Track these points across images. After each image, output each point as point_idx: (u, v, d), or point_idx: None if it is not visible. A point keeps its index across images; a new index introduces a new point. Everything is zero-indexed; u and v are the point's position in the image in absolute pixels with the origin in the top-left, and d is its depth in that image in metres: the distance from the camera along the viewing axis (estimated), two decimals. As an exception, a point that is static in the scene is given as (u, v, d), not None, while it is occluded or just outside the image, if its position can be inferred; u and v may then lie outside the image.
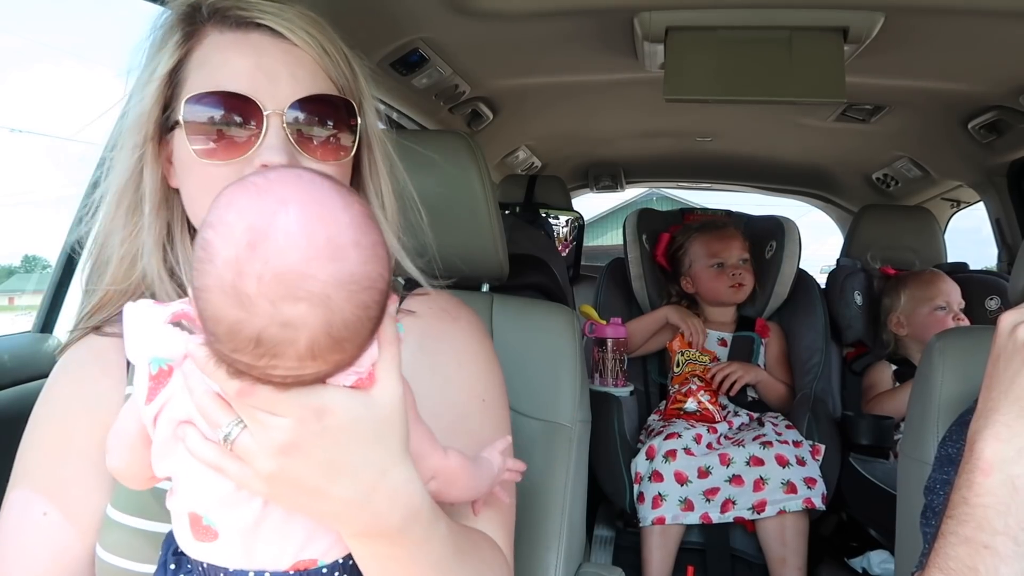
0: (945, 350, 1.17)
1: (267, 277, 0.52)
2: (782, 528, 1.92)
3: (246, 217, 0.53)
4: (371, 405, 0.58)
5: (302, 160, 0.75)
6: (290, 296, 0.52)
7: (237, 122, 0.73)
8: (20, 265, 5.18)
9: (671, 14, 1.67)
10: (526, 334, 1.23)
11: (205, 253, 0.53)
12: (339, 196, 0.56)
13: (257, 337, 0.53)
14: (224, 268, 0.52)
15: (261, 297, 0.52)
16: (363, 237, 0.55)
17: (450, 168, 1.25)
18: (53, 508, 0.78)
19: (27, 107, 38.06)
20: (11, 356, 1.35)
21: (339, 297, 0.53)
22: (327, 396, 0.57)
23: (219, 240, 0.53)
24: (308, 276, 0.52)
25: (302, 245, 0.52)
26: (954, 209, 3.26)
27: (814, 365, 2.22)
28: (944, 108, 2.33)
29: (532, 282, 1.87)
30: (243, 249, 0.52)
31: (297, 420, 0.56)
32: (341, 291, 0.53)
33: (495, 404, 0.88)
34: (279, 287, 0.52)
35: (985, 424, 0.75)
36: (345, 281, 0.53)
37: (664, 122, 2.95)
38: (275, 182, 0.55)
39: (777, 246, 2.31)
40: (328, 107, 0.77)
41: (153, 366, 0.60)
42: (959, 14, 1.62)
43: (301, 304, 0.52)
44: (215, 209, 0.54)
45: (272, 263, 0.52)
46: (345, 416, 0.57)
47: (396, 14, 1.70)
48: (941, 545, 0.74)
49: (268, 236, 0.52)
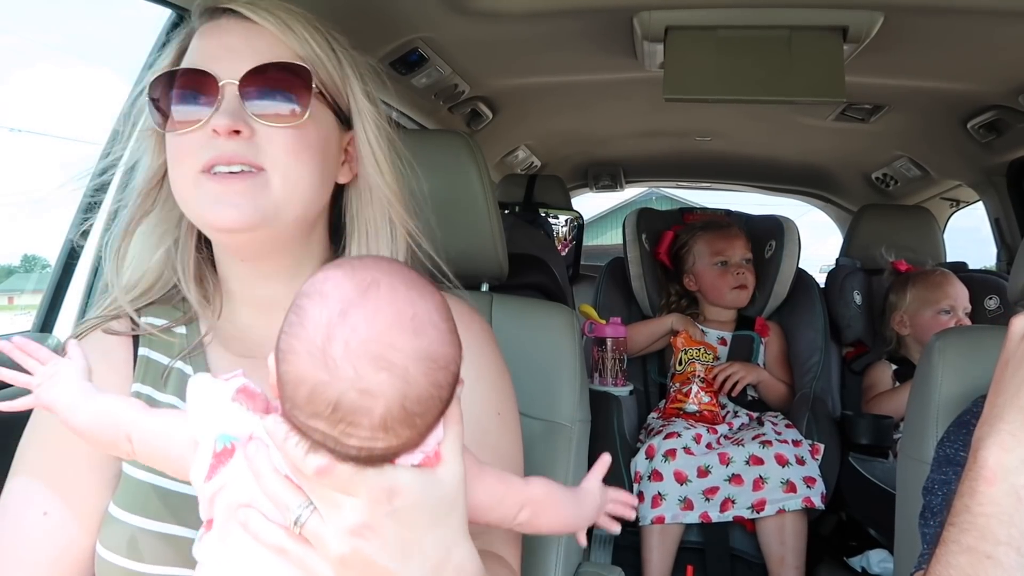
0: (944, 350, 1.17)
1: (354, 343, 0.55)
2: (781, 527, 1.92)
3: (341, 288, 0.57)
4: (437, 484, 0.60)
5: (253, 124, 0.76)
6: (373, 364, 0.55)
7: (194, 95, 0.76)
8: (20, 265, 5.18)
9: (670, 13, 1.67)
10: (526, 334, 1.23)
11: (297, 317, 0.57)
12: (423, 282, 0.60)
13: (336, 401, 0.55)
14: (315, 331, 0.56)
15: (346, 361, 0.55)
16: (442, 320, 0.59)
17: (450, 168, 1.25)
18: (54, 507, 0.78)
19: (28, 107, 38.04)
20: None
21: (417, 371, 0.56)
22: (398, 476, 0.58)
23: (313, 306, 0.57)
24: (391, 347, 0.56)
25: (389, 317, 0.56)
26: (953, 209, 3.26)
27: (813, 364, 2.22)
28: (943, 108, 2.33)
29: (532, 282, 1.87)
30: (335, 315, 0.56)
31: (370, 500, 0.57)
32: (420, 366, 0.57)
33: (510, 416, 0.88)
34: (364, 354, 0.55)
35: (990, 432, 0.73)
36: (424, 357, 0.57)
37: (664, 121, 2.95)
38: (369, 264, 0.60)
39: (777, 246, 2.31)
40: (283, 73, 0.78)
41: (219, 443, 0.61)
42: (959, 14, 1.62)
43: (382, 373, 0.55)
44: (312, 282, 0.58)
45: (360, 331, 0.55)
46: (414, 496, 0.59)
47: (396, 14, 1.70)
48: (942, 552, 0.73)
49: (359, 305, 0.56)
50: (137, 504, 0.77)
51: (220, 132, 0.74)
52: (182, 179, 0.77)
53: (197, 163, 0.75)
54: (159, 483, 0.77)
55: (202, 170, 0.75)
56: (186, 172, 0.76)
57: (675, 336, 2.26)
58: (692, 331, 2.26)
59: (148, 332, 0.86)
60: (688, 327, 2.27)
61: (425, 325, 0.57)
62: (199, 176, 0.75)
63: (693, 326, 2.29)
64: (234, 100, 0.76)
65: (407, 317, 0.57)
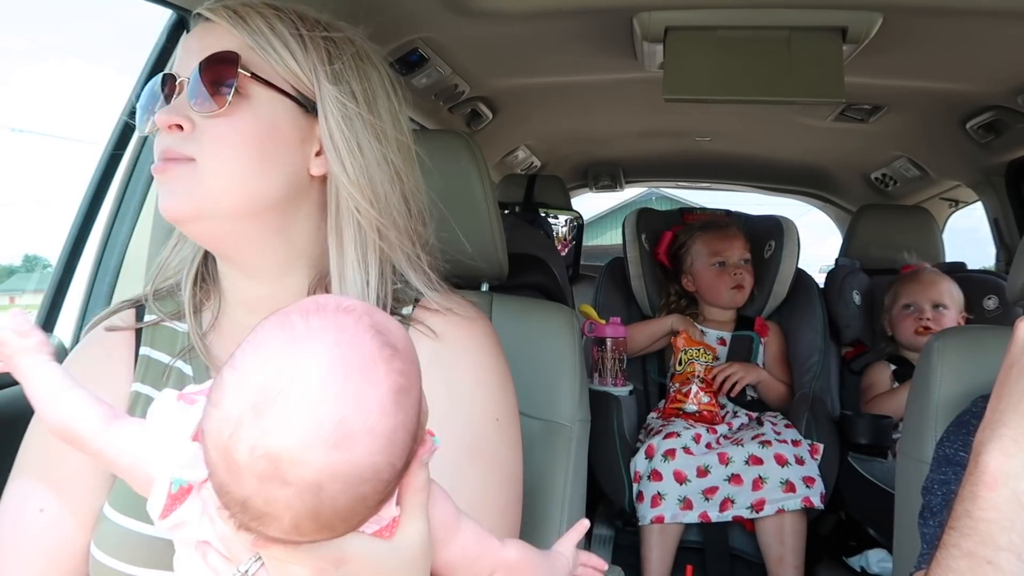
0: (944, 350, 1.17)
1: (259, 452, 0.48)
2: (781, 527, 1.92)
3: (264, 371, 0.49)
4: (393, 551, 0.56)
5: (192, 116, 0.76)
6: (278, 479, 0.48)
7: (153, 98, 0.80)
8: (21, 265, 5.17)
9: (670, 14, 1.67)
10: (526, 334, 1.23)
11: (217, 395, 0.50)
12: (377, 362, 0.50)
13: (243, 502, 0.49)
14: (223, 425, 0.49)
15: (249, 470, 0.48)
16: (382, 421, 0.50)
17: (449, 168, 1.25)
18: (51, 504, 0.78)
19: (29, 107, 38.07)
20: (11, 355, 1.34)
21: (333, 489, 0.49)
22: (345, 545, 0.54)
23: (231, 388, 0.50)
24: (302, 463, 0.47)
25: (306, 426, 0.48)
26: (952, 209, 3.26)
27: (813, 364, 2.22)
28: (943, 108, 2.33)
29: (531, 282, 1.87)
30: (247, 411, 0.48)
31: (314, 570, 0.54)
32: (336, 483, 0.48)
33: (508, 423, 0.85)
34: (269, 466, 0.48)
35: (991, 436, 0.72)
36: (343, 474, 0.48)
37: (663, 122, 2.96)
38: (316, 331, 0.50)
39: (776, 246, 2.31)
40: (215, 64, 0.77)
41: (173, 486, 0.56)
42: (958, 14, 1.62)
43: (288, 489, 0.48)
44: (247, 343, 0.51)
45: (268, 439, 0.47)
46: (365, 565, 0.55)
47: (396, 14, 1.70)
48: (943, 556, 0.73)
49: (275, 405, 0.48)
50: (129, 505, 0.76)
51: (160, 126, 0.77)
52: None
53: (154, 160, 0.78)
54: None
55: (153, 166, 0.78)
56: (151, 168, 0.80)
57: (675, 336, 2.26)
58: (691, 331, 2.26)
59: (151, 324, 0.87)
60: (688, 327, 2.27)
61: (354, 434, 0.48)
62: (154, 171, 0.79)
63: (692, 326, 2.29)
64: (180, 97, 0.78)
65: (330, 425, 0.48)
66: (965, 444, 0.97)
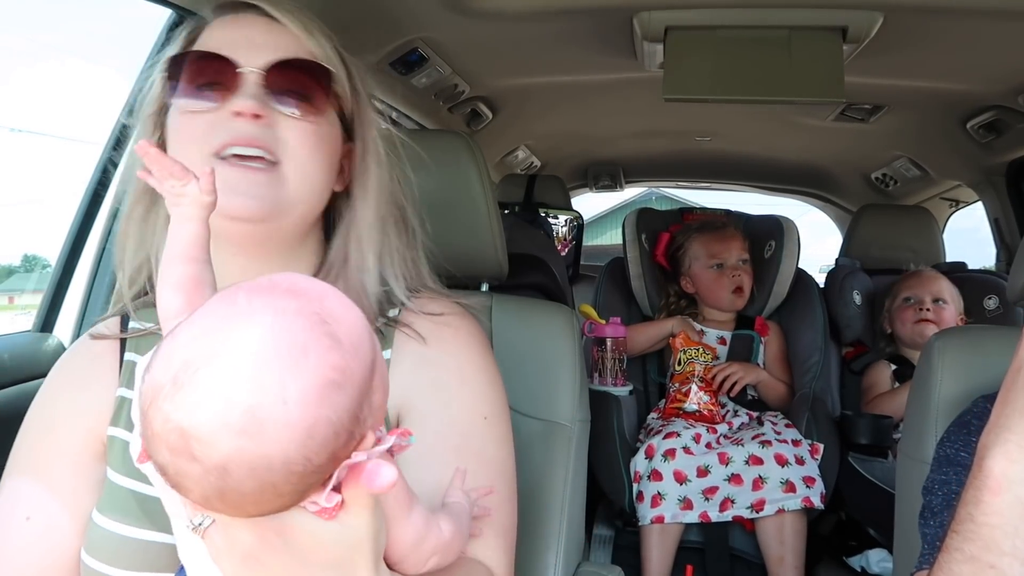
0: (944, 350, 1.17)
1: (170, 425, 0.47)
2: (781, 527, 1.92)
3: (193, 345, 0.48)
4: (339, 529, 0.54)
5: (276, 116, 0.77)
6: (187, 454, 0.47)
7: (210, 79, 0.77)
8: (20, 264, 5.18)
9: (670, 14, 1.67)
10: (525, 334, 1.23)
11: (152, 361, 0.50)
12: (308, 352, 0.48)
13: (161, 468, 0.49)
14: (147, 391, 0.49)
15: (161, 440, 0.48)
16: (298, 413, 0.47)
17: (449, 168, 1.25)
18: (37, 511, 0.78)
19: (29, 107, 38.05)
20: (11, 355, 1.34)
21: (239, 473, 0.47)
22: (288, 518, 0.53)
23: (162, 357, 0.49)
24: (208, 444, 0.47)
25: (216, 408, 0.46)
26: (953, 209, 3.26)
27: (813, 364, 2.22)
28: (943, 108, 2.33)
29: (531, 282, 1.87)
30: (168, 383, 0.47)
31: (257, 536, 0.54)
32: (242, 469, 0.47)
33: (496, 420, 0.86)
34: (179, 440, 0.47)
35: (996, 441, 0.72)
36: (248, 461, 0.47)
37: (663, 122, 2.95)
38: (255, 310, 0.49)
39: (776, 245, 2.31)
40: (305, 71, 0.79)
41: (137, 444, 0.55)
42: (958, 14, 1.62)
43: (196, 465, 0.47)
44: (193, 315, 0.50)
45: (179, 414, 0.47)
46: (309, 538, 0.54)
47: (395, 14, 1.70)
48: (945, 560, 0.73)
49: (192, 381, 0.47)
50: (118, 510, 0.76)
51: (244, 113, 0.75)
52: (193, 160, 0.73)
53: (208, 145, 0.75)
54: (139, 489, 0.76)
55: (214, 152, 0.75)
56: (194, 154, 0.74)
57: (673, 337, 2.26)
58: (689, 332, 2.26)
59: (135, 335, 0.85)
60: (686, 328, 2.27)
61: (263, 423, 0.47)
62: (210, 159, 0.74)
63: (690, 327, 2.29)
64: (256, 88, 0.76)
65: (240, 410, 0.46)
66: (966, 444, 0.97)
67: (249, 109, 0.75)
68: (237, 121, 0.75)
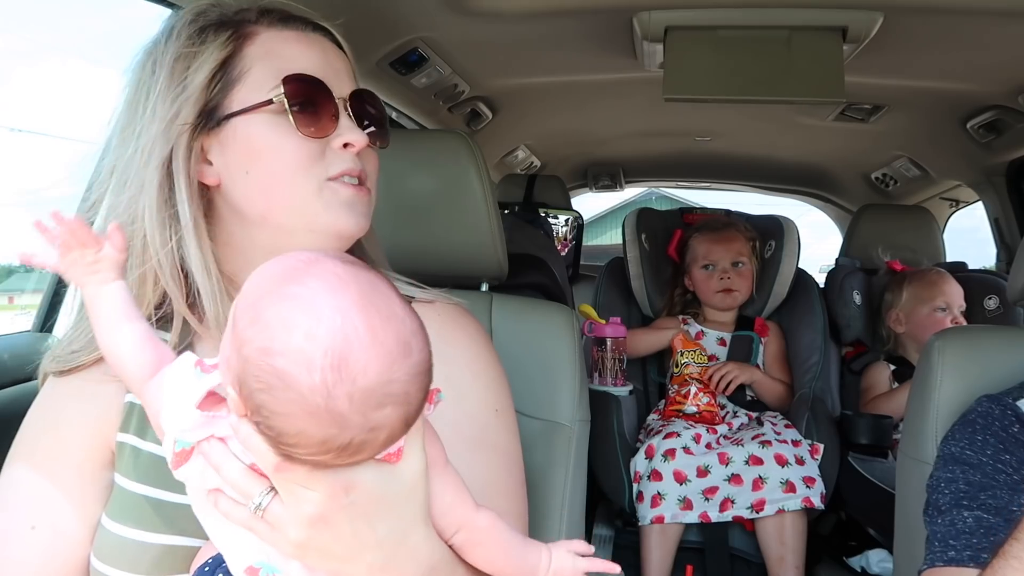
0: (944, 350, 1.17)
1: (357, 395, 0.54)
2: (781, 527, 1.92)
3: (318, 341, 0.54)
4: (395, 478, 0.61)
5: None
6: (377, 404, 0.55)
7: (320, 105, 0.78)
8: (19, 264, 5.17)
9: (670, 13, 1.67)
10: (525, 334, 1.23)
11: (282, 382, 0.54)
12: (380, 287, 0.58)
13: (347, 444, 0.55)
14: (312, 394, 0.54)
15: (354, 413, 0.54)
16: (414, 321, 0.58)
17: (449, 168, 1.25)
18: (42, 520, 0.77)
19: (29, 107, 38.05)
20: (11, 355, 1.35)
21: (414, 389, 0.57)
22: (356, 473, 0.59)
23: (298, 368, 0.54)
24: (391, 381, 0.55)
25: (382, 354, 0.55)
26: (953, 209, 3.26)
27: (813, 364, 2.22)
28: (943, 108, 2.33)
29: (531, 282, 1.87)
30: (329, 374, 0.53)
31: (327, 495, 0.58)
32: (414, 383, 0.57)
33: (507, 413, 0.89)
34: (369, 399, 0.54)
35: None
36: (417, 372, 0.57)
37: (663, 122, 2.95)
38: (317, 292, 0.55)
39: (776, 246, 2.31)
40: (374, 100, 0.85)
41: (176, 445, 0.61)
42: (958, 14, 1.62)
43: (387, 407, 0.55)
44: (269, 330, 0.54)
45: (359, 381, 0.54)
46: (371, 491, 0.60)
47: (395, 14, 1.70)
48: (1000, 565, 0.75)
49: (348, 357, 0.54)
50: (131, 516, 0.76)
51: (356, 146, 0.79)
52: (302, 184, 0.78)
53: (325, 171, 0.78)
54: (154, 495, 0.76)
55: (330, 178, 0.79)
56: (305, 178, 0.78)
57: (673, 339, 2.27)
58: (687, 338, 2.27)
59: None
60: (683, 335, 2.28)
61: (409, 340, 0.57)
62: (327, 183, 0.79)
63: (687, 335, 2.29)
64: (349, 119, 0.80)
65: (393, 343, 0.56)
66: (972, 443, 0.98)
67: (361, 144, 0.79)
68: (343, 152, 0.79)
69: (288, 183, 0.78)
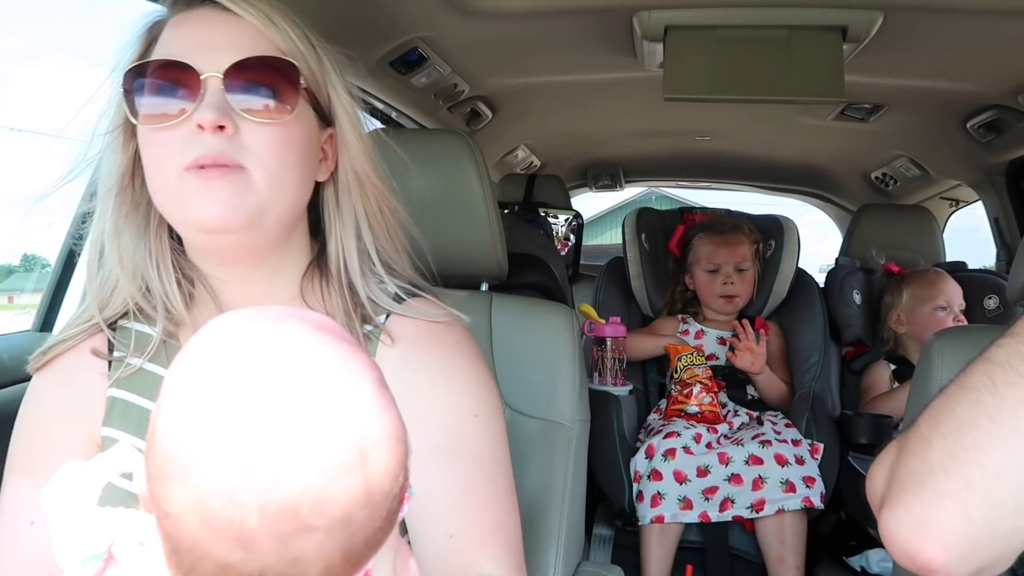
0: (944, 349, 1.17)
1: (272, 508, 0.38)
2: (781, 527, 1.92)
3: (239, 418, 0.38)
4: None
5: (241, 121, 0.73)
6: (302, 528, 0.38)
7: (173, 88, 0.73)
8: (20, 264, 5.17)
9: (670, 13, 1.67)
10: (525, 333, 1.23)
11: (177, 468, 0.38)
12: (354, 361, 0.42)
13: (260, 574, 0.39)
14: (210, 496, 0.38)
15: (265, 533, 0.38)
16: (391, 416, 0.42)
17: (449, 167, 1.25)
18: (41, 517, 0.77)
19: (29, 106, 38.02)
20: (10, 355, 1.34)
21: (361, 515, 0.40)
22: None
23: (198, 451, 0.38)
24: (327, 499, 0.38)
25: (323, 455, 0.38)
26: (953, 208, 3.26)
27: (813, 364, 2.22)
28: (943, 107, 2.33)
29: (531, 281, 1.87)
30: (238, 471, 0.37)
31: None
32: (365, 508, 0.40)
33: (489, 419, 0.83)
34: (289, 519, 0.38)
35: None
36: (372, 493, 0.40)
37: (663, 121, 2.95)
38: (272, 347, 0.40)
39: (776, 245, 2.31)
40: (269, 69, 0.75)
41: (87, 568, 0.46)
42: (958, 13, 1.62)
43: (316, 534, 0.39)
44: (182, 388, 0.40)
45: (280, 489, 0.38)
46: None
47: (395, 13, 1.70)
48: None
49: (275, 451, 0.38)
50: None
51: (205, 127, 0.70)
52: (164, 177, 0.73)
53: (182, 160, 0.71)
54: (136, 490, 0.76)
55: (187, 167, 0.71)
56: (169, 170, 0.72)
57: (670, 344, 2.27)
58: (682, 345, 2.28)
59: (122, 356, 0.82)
60: (677, 344, 2.28)
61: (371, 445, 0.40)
62: (183, 174, 0.72)
63: (682, 343, 2.29)
64: (218, 94, 0.72)
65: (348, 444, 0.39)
66: None
67: (210, 122, 0.70)
68: (202, 135, 0.71)
69: (156, 179, 0.74)
